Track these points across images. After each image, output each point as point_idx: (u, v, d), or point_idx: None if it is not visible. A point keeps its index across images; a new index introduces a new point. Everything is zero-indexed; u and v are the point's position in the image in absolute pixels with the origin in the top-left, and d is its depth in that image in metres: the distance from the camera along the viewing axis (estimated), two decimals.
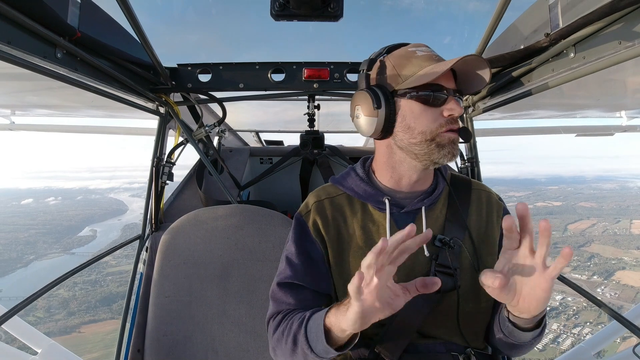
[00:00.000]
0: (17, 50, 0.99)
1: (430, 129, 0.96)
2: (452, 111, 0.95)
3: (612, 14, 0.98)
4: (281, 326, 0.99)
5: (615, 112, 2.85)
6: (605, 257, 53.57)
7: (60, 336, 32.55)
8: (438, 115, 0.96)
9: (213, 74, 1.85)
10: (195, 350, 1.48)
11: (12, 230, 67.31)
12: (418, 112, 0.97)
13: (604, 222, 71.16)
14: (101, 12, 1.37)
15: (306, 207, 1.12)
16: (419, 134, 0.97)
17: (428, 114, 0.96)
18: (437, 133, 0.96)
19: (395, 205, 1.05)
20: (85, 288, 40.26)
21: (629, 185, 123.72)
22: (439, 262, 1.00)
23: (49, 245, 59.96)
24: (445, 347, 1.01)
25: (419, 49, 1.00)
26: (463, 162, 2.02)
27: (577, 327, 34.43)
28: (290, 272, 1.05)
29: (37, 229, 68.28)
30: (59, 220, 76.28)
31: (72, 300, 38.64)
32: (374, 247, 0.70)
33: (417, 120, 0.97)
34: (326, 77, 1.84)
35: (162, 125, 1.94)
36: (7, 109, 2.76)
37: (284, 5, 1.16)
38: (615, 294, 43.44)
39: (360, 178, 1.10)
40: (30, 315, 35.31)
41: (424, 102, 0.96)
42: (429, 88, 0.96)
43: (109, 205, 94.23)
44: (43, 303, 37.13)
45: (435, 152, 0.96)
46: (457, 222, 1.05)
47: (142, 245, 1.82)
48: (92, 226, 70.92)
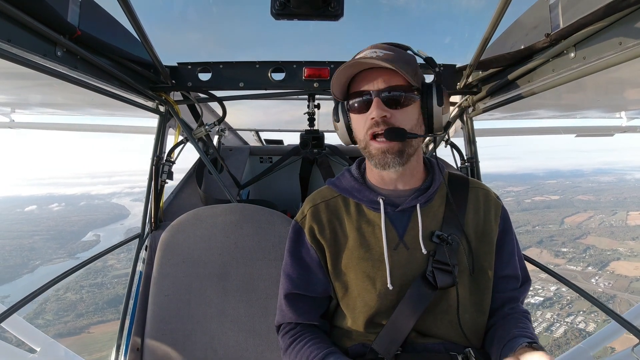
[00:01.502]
0: (17, 48, 0.99)
1: (362, 136, 1.01)
2: (370, 114, 0.96)
3: (612, 14, 0.98)
4: (293, 350, 1.05)
5: (615, 112, 2.85)
6: (600, 249, 54.26)
7: (70, 337, 34.21)
8: (366, 121, 0.98)
9: (213, 72, 1.85)
10: (194, 348, 1.48)
11: (17, 237, 69.23)
12: (355, 121, 1.04)
13: (601, 214, 71.79)
14: (101, 10, 1.37)
15: (302, 214, 1.15)
16: (359, 142, 1.04)
17: (360, 122, 1.01)
18: (367, 141, 1.00)
19: (389, 204, 1.05)
20: (92, 291, 41.81)
21: (627, 177, 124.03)
22: (437, 258, 1.00)
23: (54, 250, 61.49)
24: (444, 347, 1.01)
25: (358, 56, 1.01)
26: (463, 162, 2.02)
27: (571, 315, 35.06)
28: (288, 283, 1.12)
29: (42, 235, 70.20)
30: (62, 226, 78.21)
31: (79, 302, 40.22)
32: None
33: (356, 129, 1.04)
34: (326, 76, 1.84)
35: (162, 123, 1.94)
36: (7, 107, 2.76)
37: (285, 5, 1.16)
38: (609, 283, 44.07)
39: (354, 179, 1.12)
40: (40, 318, 37.31)
41: (354, 110, 1.02)
42: (354, 96, 1.01)
43: (110, 210, 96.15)
44: (52, 306, 39.10)
45: (371, 160, 1.02)
46: (455, 219, 1.05)
47: (142, 244, 1.82)
48: (95, 231, 72.58)
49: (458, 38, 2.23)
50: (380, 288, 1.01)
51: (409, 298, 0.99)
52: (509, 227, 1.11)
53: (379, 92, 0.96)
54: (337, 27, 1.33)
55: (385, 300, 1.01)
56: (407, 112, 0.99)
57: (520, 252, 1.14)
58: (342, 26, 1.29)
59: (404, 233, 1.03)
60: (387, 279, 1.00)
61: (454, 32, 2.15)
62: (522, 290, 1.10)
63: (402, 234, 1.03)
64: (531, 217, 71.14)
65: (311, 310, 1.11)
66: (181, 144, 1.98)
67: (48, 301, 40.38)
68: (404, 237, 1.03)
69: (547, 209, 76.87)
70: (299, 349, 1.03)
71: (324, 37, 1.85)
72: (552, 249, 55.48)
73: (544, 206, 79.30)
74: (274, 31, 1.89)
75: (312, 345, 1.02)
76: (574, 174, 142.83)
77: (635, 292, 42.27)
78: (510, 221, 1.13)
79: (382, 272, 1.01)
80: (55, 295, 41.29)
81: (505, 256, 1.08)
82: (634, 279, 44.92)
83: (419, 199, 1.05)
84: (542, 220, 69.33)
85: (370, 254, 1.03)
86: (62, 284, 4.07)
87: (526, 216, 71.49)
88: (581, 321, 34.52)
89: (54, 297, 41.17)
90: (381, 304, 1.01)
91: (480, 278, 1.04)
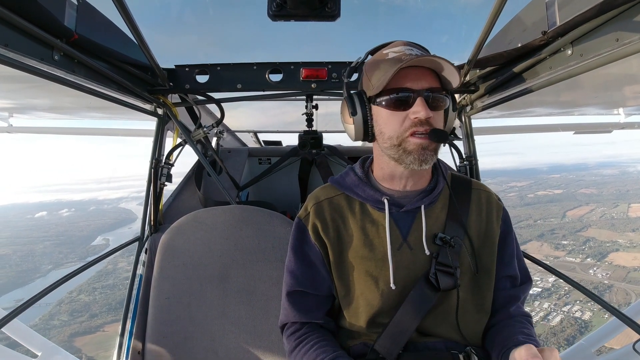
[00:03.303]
0: (15, 52, 0.99)
1: (397, 133, 0.97)
2: (416, 113, 0.93)
3: (608, 11, 0.98)
4: (299, 353, 1.05)
5: (612, 109, 2.86)
6: (600, 241, 54.73)
7: (86, 335, 36.13)
8: (404, 119, 0.96)
9: (211, 74, 1.85)
10: (195, 351, 1.48)
11: (28, 242, 71.05)
12: (386, 117, 0.99)
13: (603, 207, 72.13)
14: (98, 14, 1.36)
15: (305, 211, 1.14)
16: (388, 139, 0.99)
17: (395, 119, 0.97)
18: (403, 138, 0.96)
19: (394, 204, 1.05)
20: (104, 292, 43.59)
21: (629, 170, 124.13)
22: (439, 260, 1.01)
23: (65, 255, 63.18)
24: (445, 346, 1.01)
25: (392, 50, 0.99)
26: (461, 161, 2.02)
27: (567, 305, 35.62)
28: (291, 280, 1.11)
29: (52, 240, 72.36)
30: (71, 231, 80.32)
31: (93, 303, 42.08)
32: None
33: (386, 125, 0.99)
34: (324, 77, 1.84)
35: (161, 126, 1.93)
36: (4, 111, 2.76)
37: (281, 6, 1.16)
38: (606, 274, 44.54)
39: (359, 178, 1.11)
40: (55, 319, 39.28)
41: (389, 106, 0.97)
42: (393, 92, 0.96)
43: (118, 215, 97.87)
44: (66, 307, 41.06)
45: (404, 157, 0.97)
46: (458, 221, 1.05)
47: (142, 247, 1.81)
48: (104, 235, 74.04)
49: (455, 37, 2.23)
50: (383, 288, 1.01)
51: (412, 299, 0.99)
52: (509, 228, 1.12)
53: (423, 92, 0.95)
54: (334, 28, 1.33)
55: (387, 300, 1.01)
56: (441, 115, 0.99)
57: (520, 253, 1.14)
58: (339, 26, 1.29)
59: (408, 234, 1.03)
60: (390, 278, 1.00)
61: (451, 30, 2.15)
62: (522, 290, 1.10)
63: (405, 235, 1.03)
64: (533, 211, 71.32)
65: (315, 308, 1.10)
66: (180, 147, 1.97)
67: (62, 303, 42.05)
68: (407, 238, 1.03)
69: (550, 203, 77.27)
70: (305, 351, 1.03)
71: (321, 38, 1.85)
72: (553, 242, 55.67)
73: (547, 200, 79.66)
74: (271, 32, 1.89)
75: (318, 348, 1.01)
76: (577, 168, 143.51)
77: (632, 281, 42.73)
78: (511, 223, 1.13)
79: (385, 271, 1.01)
80: (68, 297, 43.02)
81: (506, 257, 1.09)
82: (632, 269, 45.42)
83: (424, 201, 1.05)
84: (544, 214, 69.66)
85: (373, 253, 1.03)
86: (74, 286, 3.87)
87: (528, 211, 71.73)
88: (577, 310, 35.16)
89: (67, 299, 42.86)
90: (383, 303, 1.01)
91: (483, 279, 1.04)
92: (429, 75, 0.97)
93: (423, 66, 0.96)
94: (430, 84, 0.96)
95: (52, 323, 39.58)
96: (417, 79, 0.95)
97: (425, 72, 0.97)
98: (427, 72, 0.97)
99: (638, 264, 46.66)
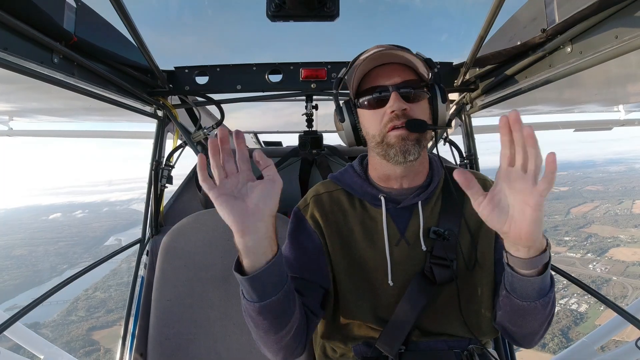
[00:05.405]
0: (14, 56, 0.99)
1: (378, 130, 0.99)
2: (391, 107, 0.95)
3: (607, 8, 0.98)
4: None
5: (612, 106, 2.85)
6: (602, 237, 55.21)
7: (103, 329, 38.21)
8: (383, 115, 0.98)
9: (210, 76, 1.85)
10: (198, 352, 1.48)
11: (43, 243, 73.41)
12: (368, 117, 1.02)
13: (607, 203, 72.26)
14: (97, 16, 1.36)
15: (305, 202, 1.15)
16: (372, 137, 1.01)
17: (375, 117, 0.99)
18: (384, 133, 0.98)
19: (391, 201, 1.05)
20: (119, 289, 45.09)
21: (636, 166, 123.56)
22: (434, 254, 1.01)
23: (79, 255, 65.16)
24: (447, 345, 1.01)
25: (367, 54, 1.00)
26: (462, 160, 2.02)
27: (565, 298, 36.07)
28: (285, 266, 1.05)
29: (66, 241, 74.71)
30: (84, 232, 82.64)
31: (109, 300, 44.14)
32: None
33: (369, 125, 1.02)
34: (324, 77, 1.84)
35: (161, 128, 1.94)
36: (4, 115, 2.76)
37: (280, 6, 1.16)
38: (605, 268, 45.11)
39: (357, 175, 1.11)
40: (73, 315, 41.59)
41: (369, 106, 1.00)
42: (369, 92, 0.99)
43: (130, 216, 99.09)
44: (83, 304, 43.52)
45: (388, 151, 0.98)
46: (453, 214, 1.05)
47: (143, 249, 1.81)
48: (116, 236, 75.48)
49: (454, 35, 2.24)
50: (381, 284, 1.01)
51: (408, 295, 0.99)
52: None
53: (396, 87, 0.97)
54: (333, 28, 1.33)
55: (385, 296, 1.01)
56: (421, 106, 1.00)
57: None
58: (339, 26, 1.29)
59: (406, 230, 1.04)
60: (388, 275, 1.00)
61: (450, 29, 2.16)
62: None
63: (403, 231, 1.04)
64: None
65: (307, 294, 1.01)
66: (180, 148, 1.97)
67: (79, 300, 43.93)
68: (405, 234, 1.03)
69: (555, 200, 77.29)
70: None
71: (320, 38, 1.85)
72: (555, 238, 55.70)
73: (553, 197, 79.60)
74: (270, 33, 1.89)
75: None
76: (585, 165, 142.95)
77: (630, 275, 43.02)
78: None
79: (383, 268, 1.01)
80: (84, 294, 44.85)
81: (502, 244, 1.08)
82: (631, 263, 45.83)
83: (420, 197, 1.05)
84: (548, 211, 69.73)
85: (372, 249, 1.03)
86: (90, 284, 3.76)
87: None
88: (574, 302, 35.77)
89: (83, 296, 44.71)
90: (382, 300, 1.01)
91: (481, 270, 1.03)
92: (401, 70, 0.99)
93: (394, 62, 0.98)
94: (404, 78, 0.98)
95: (69, 319, 41.44)
96: (390, 76, 0.98)
97: (398, 67, 0.99)
98: (400, 67, 0.99)
99: (637, 259, 46.97)
